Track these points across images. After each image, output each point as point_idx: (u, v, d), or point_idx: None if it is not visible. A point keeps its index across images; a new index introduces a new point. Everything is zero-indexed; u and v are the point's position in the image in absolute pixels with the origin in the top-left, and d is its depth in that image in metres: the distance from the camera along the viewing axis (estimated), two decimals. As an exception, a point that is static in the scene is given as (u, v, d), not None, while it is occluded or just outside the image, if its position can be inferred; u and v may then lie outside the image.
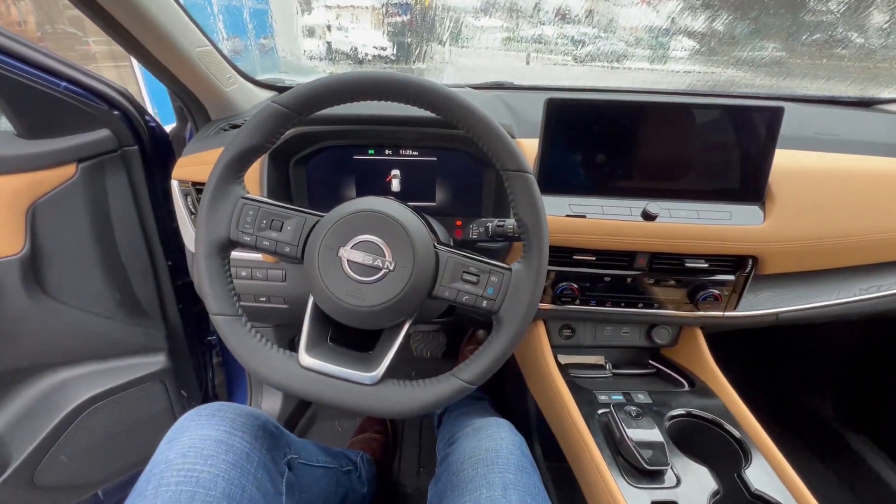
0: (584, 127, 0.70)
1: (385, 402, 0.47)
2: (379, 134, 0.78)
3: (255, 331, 0.50)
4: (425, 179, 0.82)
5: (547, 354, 0.81)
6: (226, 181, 0.50)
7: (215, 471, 0.48)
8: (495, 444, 0.62)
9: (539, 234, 0.48)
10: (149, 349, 0.89)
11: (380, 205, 0.50)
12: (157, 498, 0.45)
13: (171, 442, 0.51)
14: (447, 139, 0.78)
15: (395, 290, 0.47)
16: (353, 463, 0.87)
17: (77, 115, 0.73)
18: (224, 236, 0.50)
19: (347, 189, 0.82)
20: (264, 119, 0.49)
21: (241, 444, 0.53)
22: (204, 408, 0.57)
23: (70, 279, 0.76)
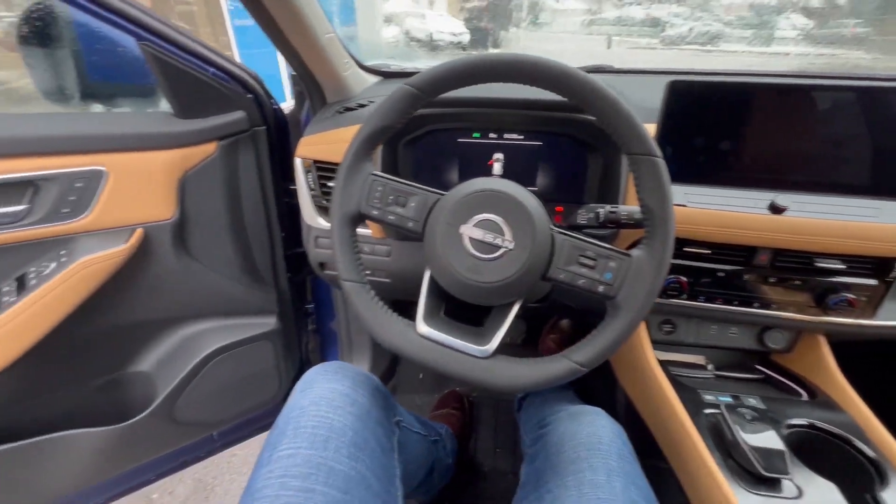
0: (709, 111, 0.66)
1: (497, 376, 0.49)
2: (485, 117, 0.79)
3: (378, 298, 0.54)
4: (528, 164, 0.82)
5: (646, 348, 0.78)
6: (359, 158, 0.54)
7: (344, 420, 0.53)
8: (596, 430, 0.62)
9: (665, 221, 0.47)
10: (262, 311, 1.00)
11: (501, 185, 0.51)
12: (296, 438, 0.50)
13: (304, 392, 0.57)
14: (554, 123, 0.77)
15: (513, 268, 0.48)
16: (439, 434, 0.91)
17: (219, 97, 0.82)
18: (355, 209, 0.54)
19: (450, 172, 0.84)
20: (397, 100, 0.52)
21: (363, 400, 0.58)
22: (327, 365, 0.62)
23: (205, 244, 0.86)
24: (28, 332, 0.69)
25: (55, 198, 0.69)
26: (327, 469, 0.49)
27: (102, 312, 0.78)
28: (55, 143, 0.69)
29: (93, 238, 0.73)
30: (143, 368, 0.89)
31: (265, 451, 0.52)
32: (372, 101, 0.90)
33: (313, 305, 1.20)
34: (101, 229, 0.73)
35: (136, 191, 0.75)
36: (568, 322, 1.36)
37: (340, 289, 0.59)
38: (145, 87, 0.88)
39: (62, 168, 0.69)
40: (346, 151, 0.54)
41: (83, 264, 0.70)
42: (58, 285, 0.69)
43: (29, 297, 0.68)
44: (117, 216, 0.74)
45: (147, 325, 0.88)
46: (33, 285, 0.69)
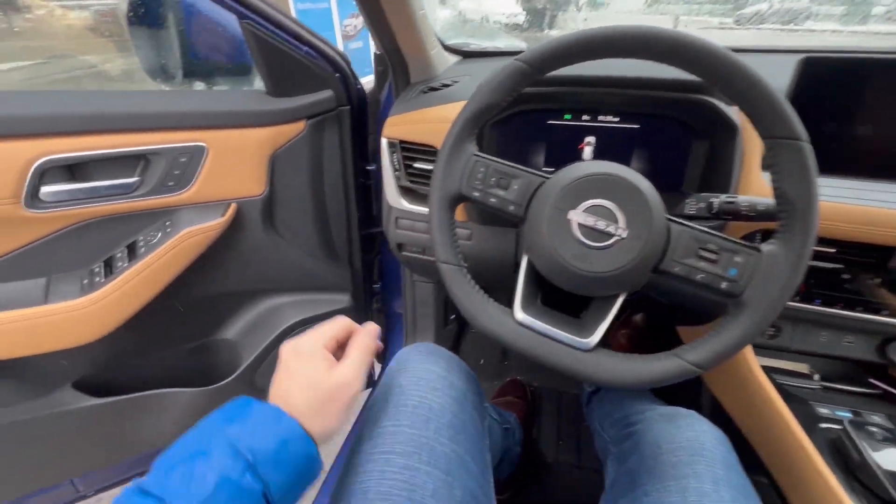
0: (847, 92, 0.61)
1: (602, 370, 0.47)
2: (579, 97, 0.75)
3: (474, 282, 0.53)
4: (622, 149, 0.76)
5: (748, 352, 0.72)
6: (462, 138, 0.53)
7: (442, 402, 0.54)
8: (697, 435, 0.58)
9: (808, 214, 0.42)
10: (338, 288, 1.02)
11: (615, 169, 0.48)
12: (398, 416, 0.51)
13: (401, 372, 0.57)
14: (657, 104, 0.71)
15: (625, 258, 0.45)
16: (509, 423, 0.91)
17: (310, 76, 0.83)
18: (456, 190, 0.53)
19: (536, 155, 0.80)
20: (507, 76, 0.50)
21: (459, 383, 0.58)
22: (420, 346, 0.62)
23: (289, 220, 0.89)
24: (138, 295, 0.74)
25: (162, 171, 0.73)
26: (429, 449, 0.49)
27: (196, 282, 0.82)
28: (163, 119, 0.72)
29: (192, 210, 0.77)
30: (228, 336, 0.94)
31: (365, 425, 0.52)
32: (456, 80, 0.88)
33: (380, 285, 1.21)
34: (200, 202, 0.77)
35: (231, 167, 0.78)
36: (642, 317, 1.29)
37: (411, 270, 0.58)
38: (241, 65, 0.91)
39: (168, 143, 0.73)
40: (448, 131, 0.53)
41: (187, 235, 0.74)
42: (164, 254, 0.74)
43: (139, 263, 0.72)
44: (214, 190, 0.78)
45: (234, 296, 0.92)
46: (142, 253, 0.74)
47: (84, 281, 0.73)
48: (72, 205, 0.69)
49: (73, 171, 0.69)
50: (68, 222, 0.70)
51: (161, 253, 0.73)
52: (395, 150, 0.83)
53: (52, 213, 0.68)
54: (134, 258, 0.74)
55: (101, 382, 0.83)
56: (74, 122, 0.67)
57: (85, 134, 0.67)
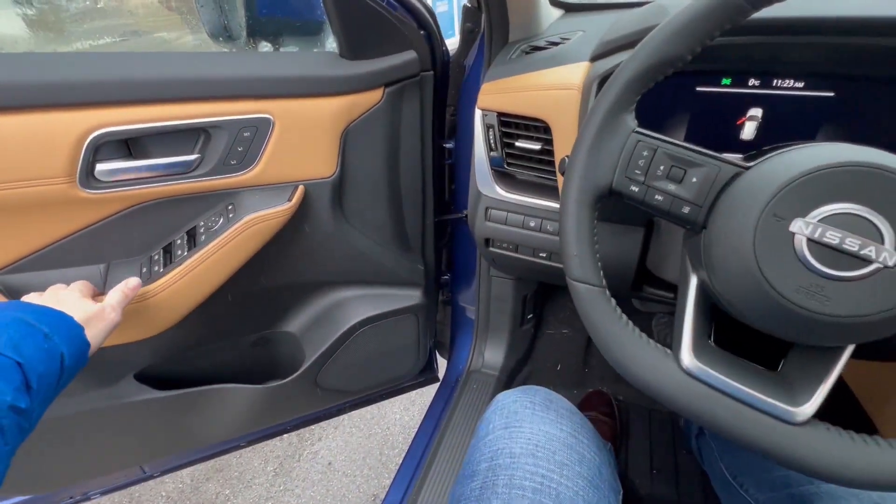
0: None
1: (825, 457, 0.32)
2: (747, 52, 0.55)
3: (620, 310, 0.40)
4: (804, 127, 0.57)
5: None
6: (620, 108, 0.39)
7: (574, 486, 0.40)
8: None
9: None
10: (409, 283, 0.91)
11: (872, 156, 0.32)
12: (512, 501, 0.39)
13: (510, 429, 0.45)
14: (869, 59, 0.50)
15: (894, 298, 0.29)
16: (612, 457, 0.76)
17: (392, 33, 0.70)
18: (606, 182, 0.39)
19: (674, 133, 0.62)
20: (707, 11, 0.34)
21: (591, 455, 0.45)
22: (530, 391, 0.50)
23: (360, 206, 0.78)
24: (199, 286, 0.67)
25: (224, 148, 0.64)
26: None
27: (259, 272, 0.74)
28: (224, 86, 0.62)
29: (256, 193, 0.68)
30: (291, 329, 0.87)
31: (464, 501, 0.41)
32: (566, 38, 0.71)
33: (448, 276, 1.10)
34: (265, 184, 0.68)
35: (300, 143, 0.68)
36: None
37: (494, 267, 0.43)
38: (312, 23, 0.80)
39: (231, 115, 0.63)
40: (600, 96, 0.39)
41: (251, 221, 0.66)
42: (227, 242, 0.65)
43: (201, 252, 0.65)
44: (280, 171, 0.68)
45: (298, 288, 0.84)
46: (203, 240, 0.66)
47: (143, 269, 0.66)
48: (130, 185, 0.61)
49: (130, 146, 0.61)
50: (126, 204, 0.63)
51: (223, 241, 0.65)
52: (491, 124, 0.69)
53: (109, 193, 0.60)
54: (194, 245, 0.66)
55: (162, 375, 0.79)
56: (131, 89, 0.58)
57: (142, 103, 0.58)
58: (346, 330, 0.86)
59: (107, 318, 0.54)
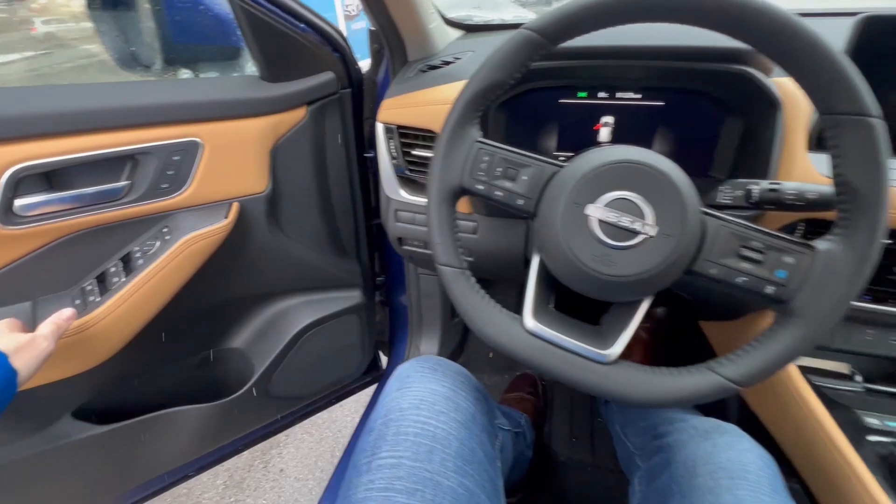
0: None
1: (623, 386, 0.42)
2: (594, 72, 0.68)
3: (478, 286, 0.48)
4: (644, 129, 0.70)
5: None
6: (464, 122, 0.47)
7: (448, 428, 0.48)
8: (739, 455, 0.54)
9: (877, 206, 0.36)
10: (348, 285, 0.97)
11: (641, 155, 0.43)
12: (397, 445, 0.46)
13: (401, 391, 0.52)
14: (683, 76, 0.64)
15: (654, 259, 0.40)
16: (520, 425, 0.86)
17: (309, 57, 0.76)
18: (457, 183, 0.47)
19: (547, 138, 0.74)
20: (515, 48, 0.44)
21: (466, 405, 0.53)
22: (424, 360, 0.57)
23: (294, 216, 0.83)
24: (140, 312, 0.67)
25: (154, 172, 0.65)
26: (434, 484, 0.44)
27: (199, 291, 0.75)
28: (150, 113, 0.64)
29: (191, 214, 0.70)
30: (237, 345, 0.88)
31: (362, 455, 0.48)
32: (458, 57, 0.81)
33: (384, 278, 1.17)
34: (198, 204, 0.70)
35: (230, 162, 0.71)
36: (664, 310, 1.23)
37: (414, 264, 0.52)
38: (228, 49, 0.83)
39: (159, 140, 0.65)
40: (448, 114, 0.47)
41: (189, 241, 0.67)
42: (166, 264, 0.66)
43: (139, 277, 0.65)
44: (214, 190, 0.71)
45: (240, 302, 0.86)
46: (140, 264, 0.66)
47: (76, 301, 0.65)
48: (53, 217, 0.61)
49: (52, 178, 0.60)
50: (51, 237, 0.62)
51: (162, 263, 0.66)
52: (391, 136, 0.76)
53: (30, 228, 0.59)
54: (131, 271, 0.67)
55: (104, 408, 0.76)
56: (50, 121, 0.58)
57: (63, 135, 0.59)
58: (291, 337, 0.89)
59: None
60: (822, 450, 0.57)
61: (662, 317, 1.23)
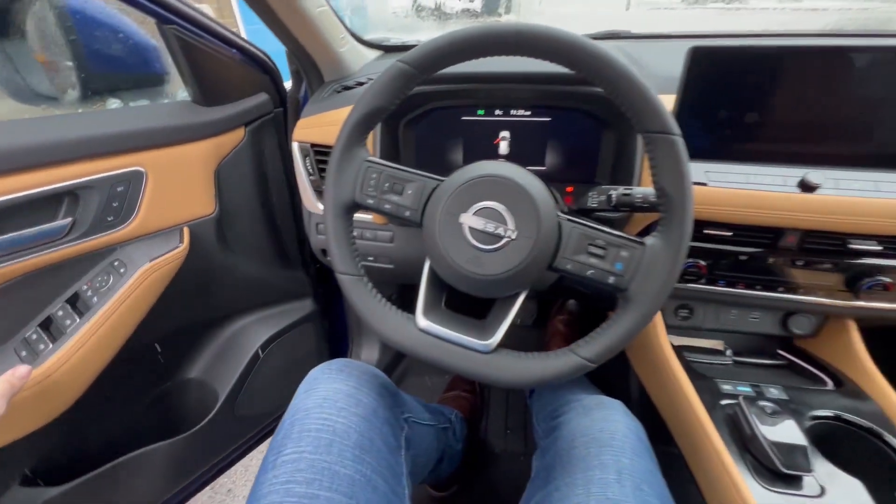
0: (734, 79, 0.62)
1: (499, 371, 0.47)
2: (489, 93, 0.75)
3: (375, 291, 0.52)
4: (536, 142, 0.77)
5: (661, 335, 0.75)
6: (352, 143, 0.51)
7: (348, 422, 0.52)
8: (610, 425, 0.59)
9: (683, 207, 0.43)
10: (299, 295, 1.00)
11: (503, 170, 0.48)
12: (300, 441, 0.50)
13: (308, 392, 0.55)
14: (564, 97, 0.72)
15: (516, 259, 0.45)
16: (449, 420, 0.90)
17: (241, 80, 0.78)
18: (349, 198, 0.51)
19: (454, 151, 0.80)
20: (390, 79, 0.48)
21: (368, 400, 0.56)
22: (332, 363, 0.60)
23: (242, 234, 0.85)
24: (100, 354, 0.67)
25: (98, 206, 0.66)
26: (331, 473, 0.48)
27: (156, 322, 0.76)
28: (88, 145, 0.64)
29: (142, 243, 0.71)
30: (196, 371, 0.89)
31: (270, 454, 0.51)
32: (371, 78, 0.85)
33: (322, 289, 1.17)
34: (148, 233, 0.71)
35: (176, 188, 0.73)
36: (574, 303, 1.33)
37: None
38: (151, 76, 0.83)
39: (100, 173, 0.65)
40: (337, 137, 0.51)
41: (148, 270, 0.68)
42: (125, 297, 0.67)
43: (95, 316, 0.65)
44: (162, 217, 0.72)
45: (195, 328, 0.87)
46: (95, 303, 0.66)
47: (22, 353, 0.63)
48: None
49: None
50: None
51: (121, 298, 0.67)
52: (307, 153, 0.79)
53: None
54: (83, 312, 0.66)
55: (58, 465, 0.73)
56: None
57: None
58: (252, 355, 0.91)
59: None
60: (686, 416, 0.65)
61: (575, 310, 1.34)
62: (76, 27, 0.74)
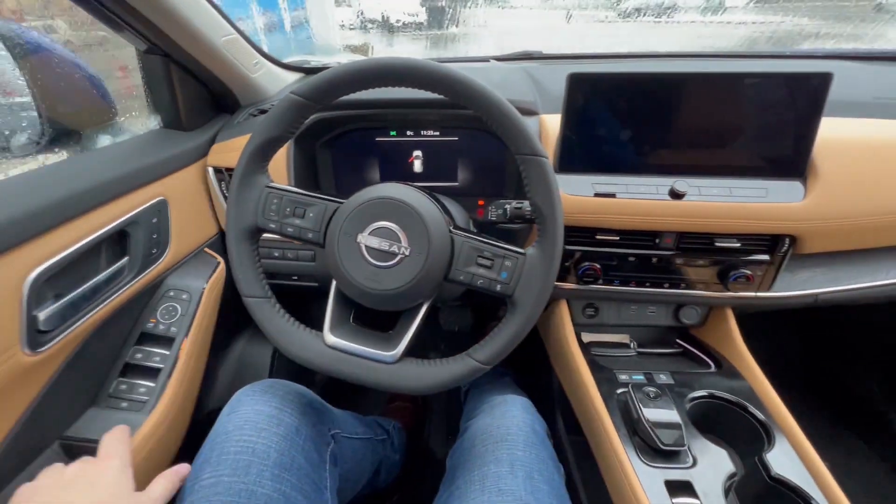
0: (609, 102, 0.68)
1: (402, 380, 0.50)
2: (400, 116, 0.79)
3: (283, 311, 0.54)
4: (447, 160, 0.82)
5: (569, 333, 0.81)
6: (251, 171, 0.53)
7: (268, 442, 0.52)
8: (507, 421, 0.63)
9: (553, 219, 0.48)
10: None
11: (395, 191, 0.51)
12: (219, 465, 0.49)
13: (230, 416, 0.55)
14: (467, 119, 0.77)
15: (411, 274, 0.48)
16: (386, 432, 0.90)
17: (209, 103, 0.85)
18: (251, 223, 0.53)
19: (371, 171, 0.85)
20: (284, 110, 0.51)
21: (290, 420, 0.56)
22: (256, 385, 0.60)
23: None
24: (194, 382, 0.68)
25: (144, 241, 0.67)
26: (248, 493, 0.48)
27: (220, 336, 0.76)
28: (124, 182, 0.64)
29: (182, 270, 0.74)
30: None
31: (189, 480, 0.50)
32: None
33: None
34: (182, 259, 0.76)
35: (190, 212, 0.77)
36: (505, 309, 1.26)
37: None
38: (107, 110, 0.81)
39: (135, 209, 0.65)
40: (236, 164, 0.53)
41: (209, 292, 0.70)
42: (202, 321, 0.69)
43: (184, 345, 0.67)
44: (186, 243, 0.76)
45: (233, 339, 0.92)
46: (176, 334, 0.67)
47: (122, 405, 0.63)
48: (78, 320, 0.57)
49: (62, 275, 0.55)
50: (77, 342, 0.58)
51: (200, 322, 0.69)
52: (222, 177, 0.82)
53: (59, 342, 0.55)
54: (168, 345, 0.67)
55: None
56: (50, 212, 0.53)
57: (62, 224, 0.55)
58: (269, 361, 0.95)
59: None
60: (587, 406, 0.71)
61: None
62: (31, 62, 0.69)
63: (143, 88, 0.81)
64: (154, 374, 0.65)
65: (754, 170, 0.70)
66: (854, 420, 1.18)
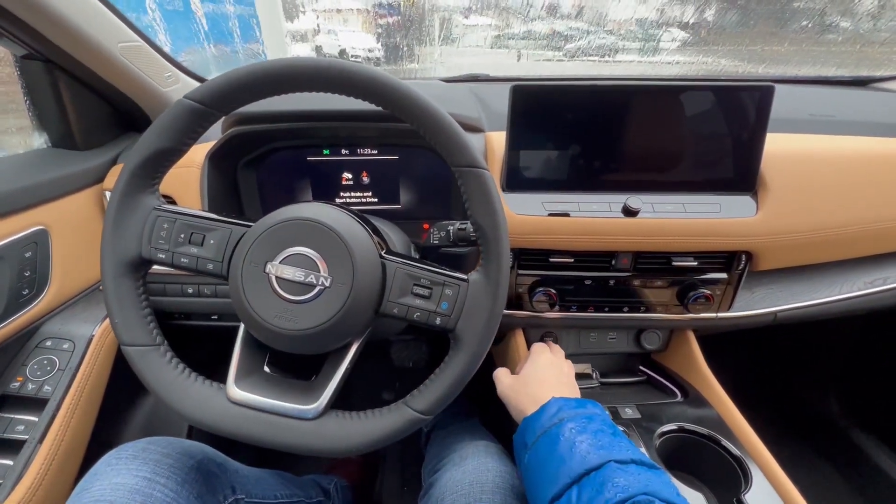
0: (555, 115, 0.64)
1: (326, 440, 0.42)
2: (333, 131, 0.71)
3: (176, 361, 0.45)
4: (388, 180, 0.76)
5: None
6: (133, 190, 0.44)
7: None
8: (480, 476, 0.56)
9: (497, 238, 0.42)
10: None
11: (311, 211, 0.43)
12: None
13: (81, 493, 0.45)
14: (408, 135, 0.71)
15: (333, 309, 0.40)
16: (324, 492, 0.79)
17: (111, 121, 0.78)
18: (134, 254, 0.44)
19: (303, 194, 0.77)
20: (174, 117, 0.42)
21: (164, 493, 0.47)
22: (127, 447, 0.50)
23: None
24: (76, 450, 0.58)
25: (11, 280, 0.57)
26: None
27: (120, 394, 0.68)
28: None
29: (68, 312, 0.64)
30: None
31: None
32: None
33: None
34: (70, 299, 0.65)
35: (82, 243, 0.67)
36: None
37: None
38: None
39: (1, 239, 0.55)
40: (114, 185, 0.44)
41: (100, 340, 0.60)
42: (88, 375, 0.59)
43: (62, 409, 0.57)
44: (80, 278, 0.67)
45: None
46: (50, 394, 0.56)
47: None
48: None
49: None
50: None
51: (84, 376, 0.59)
52: None
53: None
54: (39, 409, 0.57)
55: None
56: None
57: None
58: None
59: None
60: None
61: None
62: None
63: (24, 101, 0.71)
64: (14, 449, 0.53)
65: (706, 185, 0.69)
66: (818, 438, 1.17)
